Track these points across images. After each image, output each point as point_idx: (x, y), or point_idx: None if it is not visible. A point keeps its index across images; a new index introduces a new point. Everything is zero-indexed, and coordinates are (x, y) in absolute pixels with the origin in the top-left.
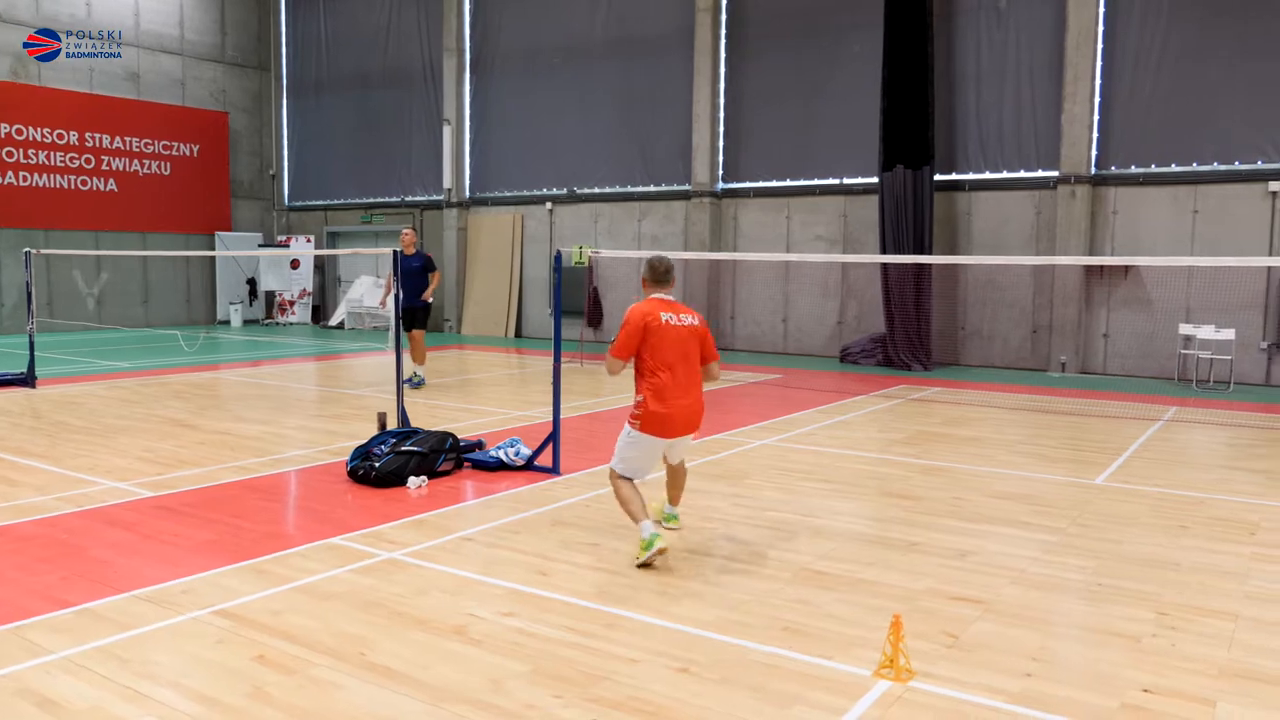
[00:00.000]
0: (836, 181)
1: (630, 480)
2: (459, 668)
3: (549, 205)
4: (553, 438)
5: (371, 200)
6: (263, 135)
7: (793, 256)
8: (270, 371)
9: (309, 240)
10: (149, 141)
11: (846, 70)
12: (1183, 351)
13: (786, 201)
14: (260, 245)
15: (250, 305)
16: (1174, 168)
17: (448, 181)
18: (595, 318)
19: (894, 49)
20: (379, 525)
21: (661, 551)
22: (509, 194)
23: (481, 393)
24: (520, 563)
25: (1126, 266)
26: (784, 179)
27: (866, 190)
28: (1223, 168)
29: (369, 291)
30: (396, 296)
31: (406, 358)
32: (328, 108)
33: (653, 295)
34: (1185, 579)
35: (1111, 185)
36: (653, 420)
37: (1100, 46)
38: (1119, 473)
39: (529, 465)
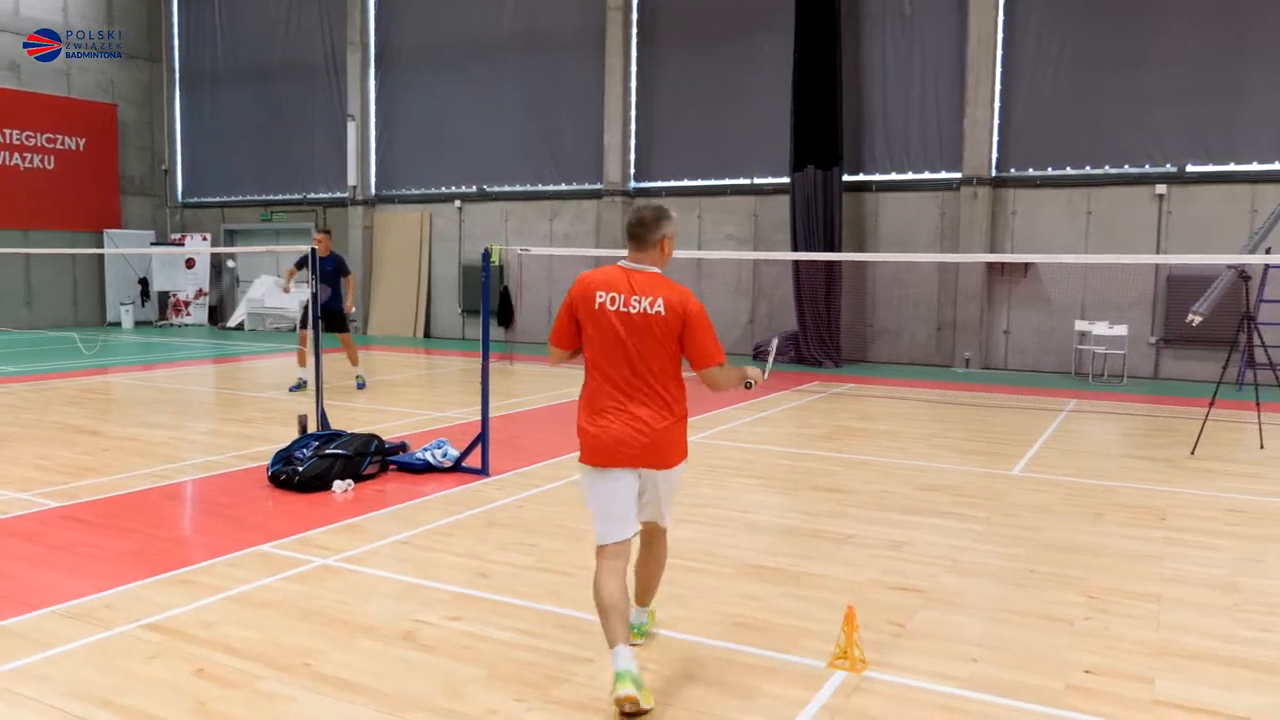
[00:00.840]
0: (747, 181)
1: (603, 556)
2: (413, 675)
3: (458, 203)
4: (481, 438)
5: (272, 197)
6: (154, 129)
7: (706, 254)
8: (169, 375)
9: (205, 238)
10: (31, 134)
11: (758, 72)
12: (1079, 347)
13: (698, 201)
14: (153, 243)
15: (143, 306)
16: (1069, 171)
17: (352, 179)
18: (508, 317)
19: (804, 52)
20: (308, 531)
21: (628, 706)
22: (416, 192)
23: (398, 394)
24: (460, 565)
25: (1026, 265)
26: (696, 178)
27: (776, 190)
28: (1114, 171)
29: (270, 291)
30: (313, 298)
31: (342, 359)
32: (224, 101)
33: (619, 262)
34: (1107, 564)
35: (1011, 187)
36: (584, 443)
37: (1000, 54)
38: (1032, 463)
39: (457, 466)
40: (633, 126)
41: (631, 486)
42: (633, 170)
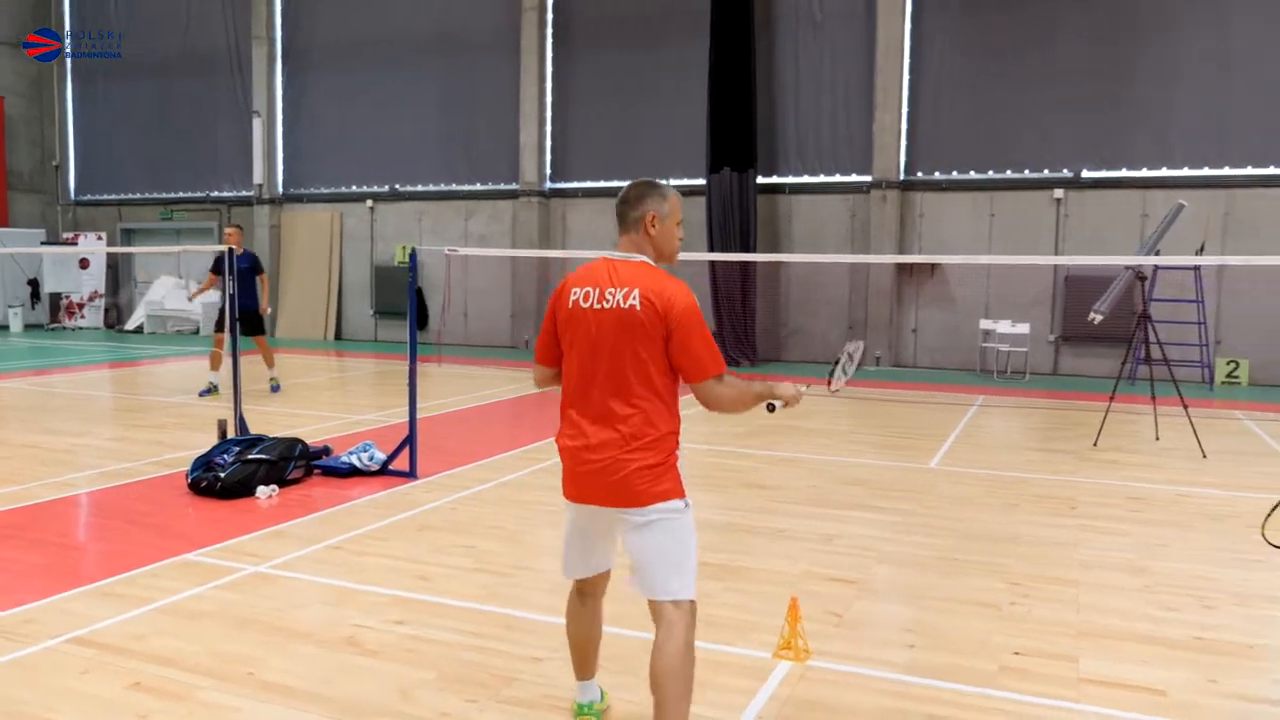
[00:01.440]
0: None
1: (574, 590)
2: (361, 680)
3: (370, 203)
4: (409, 441)
5: (172, 195)
6: (44, 123)
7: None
8: (67, 380)
9: (100, 237)
10: None
11: (674, 74)
12: (983, 345)
13: (615, 202)
14: (43, 243)
15: (32, 308)
16: (973, 175)
17: (259, 177)
18: (421, 319)
19: (720, 55)
20: (235, 538)
21: None
22: (326, 191)
23: (314, 398)
24: (397, 569)
25: (933, 266)
26: (613, 179)
27: (692, 191)
28: (1014, 176)
29: (171, 293)
30: (231, 298)
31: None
32: (120, 95)
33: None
34: (1026, 551)
35: (918, 190)
36: (562, 465)
37: (907, 61)
38: (947, 457)
39: (384, 470)
40: (549, 127)
41: (593, 524)
42: (549, 170)
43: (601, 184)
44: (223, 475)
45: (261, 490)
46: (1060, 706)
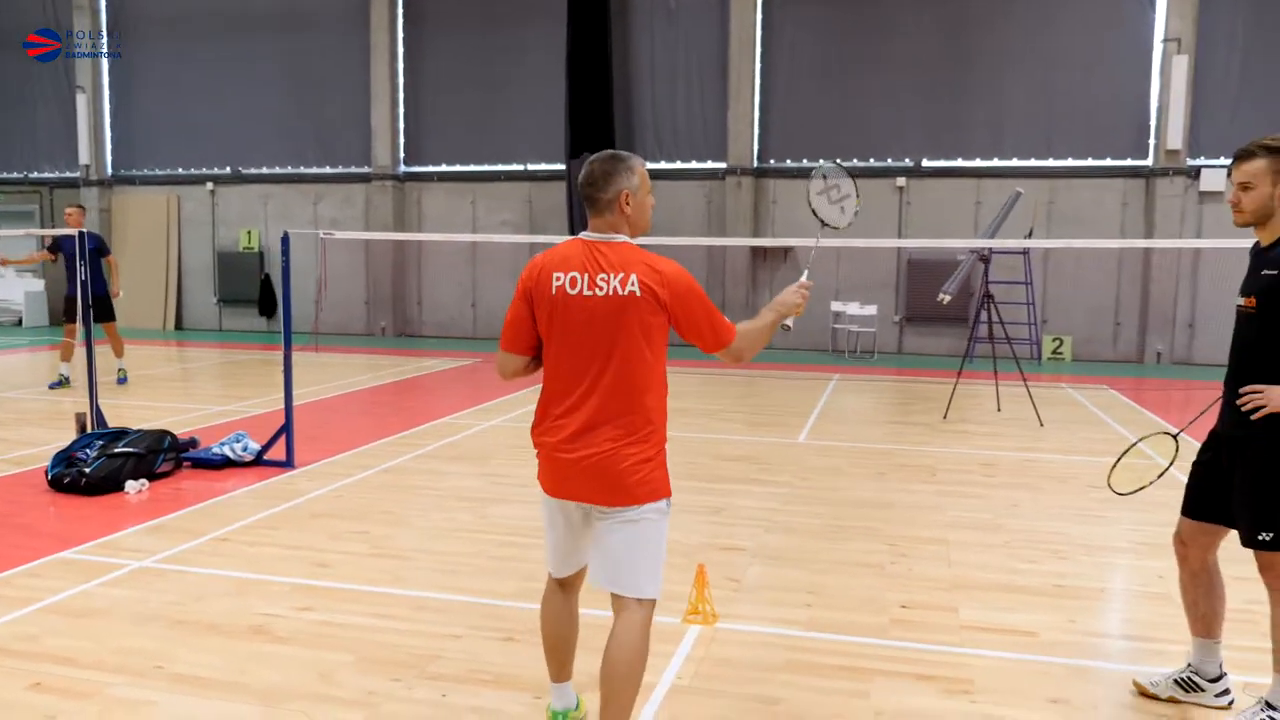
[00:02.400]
0: (522, 167)
1: (552, 586)
2: (277, 667)
3: (210, 186)
4: (285, 429)
5: None
6: None
7: (482, 238)
8: None
9: None
10: None
11: (531, 58)
12: (834, 326)
13: (472, 187)
14: None
15: None
16: (821, 163)
17: (85, 157)
18: (270, 307)
19: (577, 41)
20: (111, 534)
21: None
22: (161, 172)
23: (168, 389)
24: (294, 558)
25: (786, 250)
26: (469, 164)
27: (550, 177)
28: (860, 164)
29: None
30: (84, 284)
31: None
32: None
33: (580, 234)
34: (898, 515)
35: (771, 177)
36: (540, 459)
37: (759, 52)
38: (813, 432)
39: (259, 460)
40: (401, 109)
41: (572, 520)
42: (403, 154)
43: (458, 168)
44: (88, 471)
45: (130, 485)
46: (949, 651)
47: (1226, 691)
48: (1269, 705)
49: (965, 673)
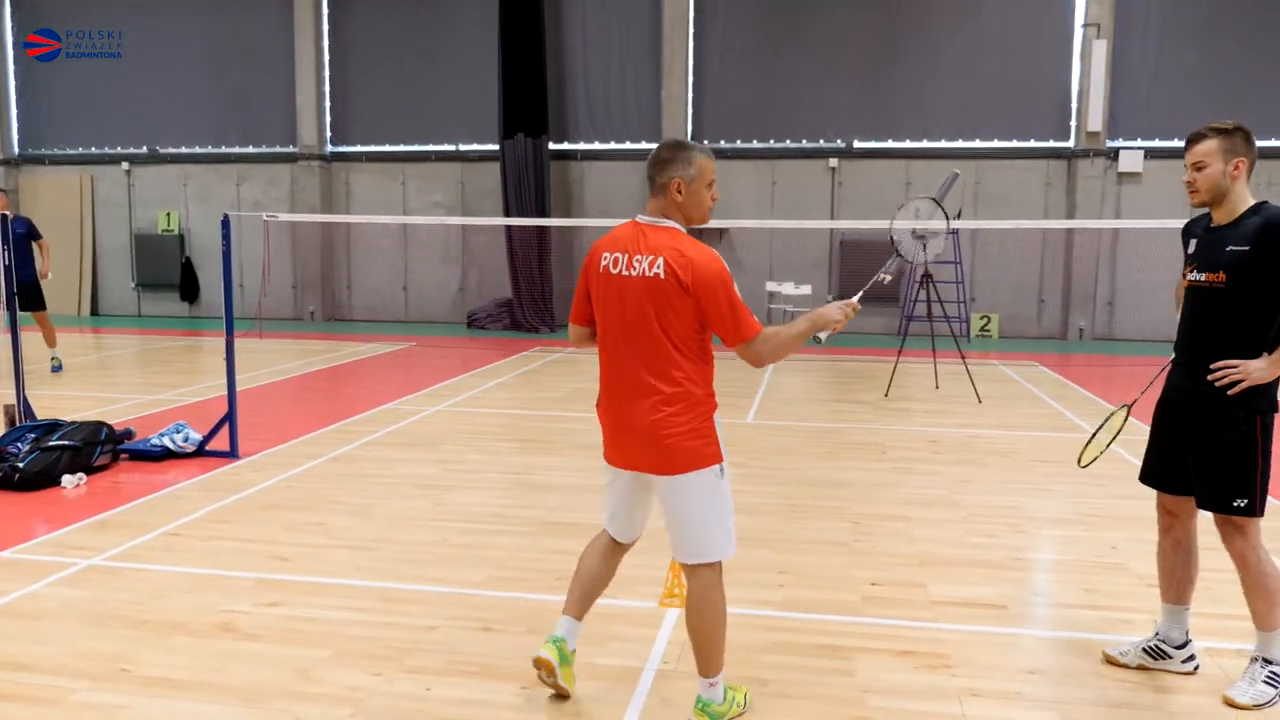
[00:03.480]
0: (453, 148)
1: (607, 537)
2: (251, 665)
3: (126, 165)
4: (228, 419)
5: None
6: None
7: (417, 219)
8: None
9: None
10: None
11: (463, 35)
12: (770, 306)
13: (402, 167)
14: None
15: None
16: (755, 144)
17: None
18: (190, 291)
19: (509, 19)
20: (53, 531)
21: (542, 671)
22: (73, 152)
23: (96, 378)
24: (251, 551)
25: (721, 230)
26: (399, 144)
27: (483, 157)
28: (793, 145)
29: None
30: (9, 270)
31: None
32: None
33: (633, 218)
34: (856, 493)
35: None
36: (602, 432)
37: (692, 31)
38: (761, 412)
39: (201, 451)
40: (327, 86)
41: (630, 489)
42: (329, 133)
43: (388, 148)
44: (21, 465)
45: (67, 479)
46: (924, 627)
47: (1192, 657)
48: (1265, 660)
49: (941, 648)
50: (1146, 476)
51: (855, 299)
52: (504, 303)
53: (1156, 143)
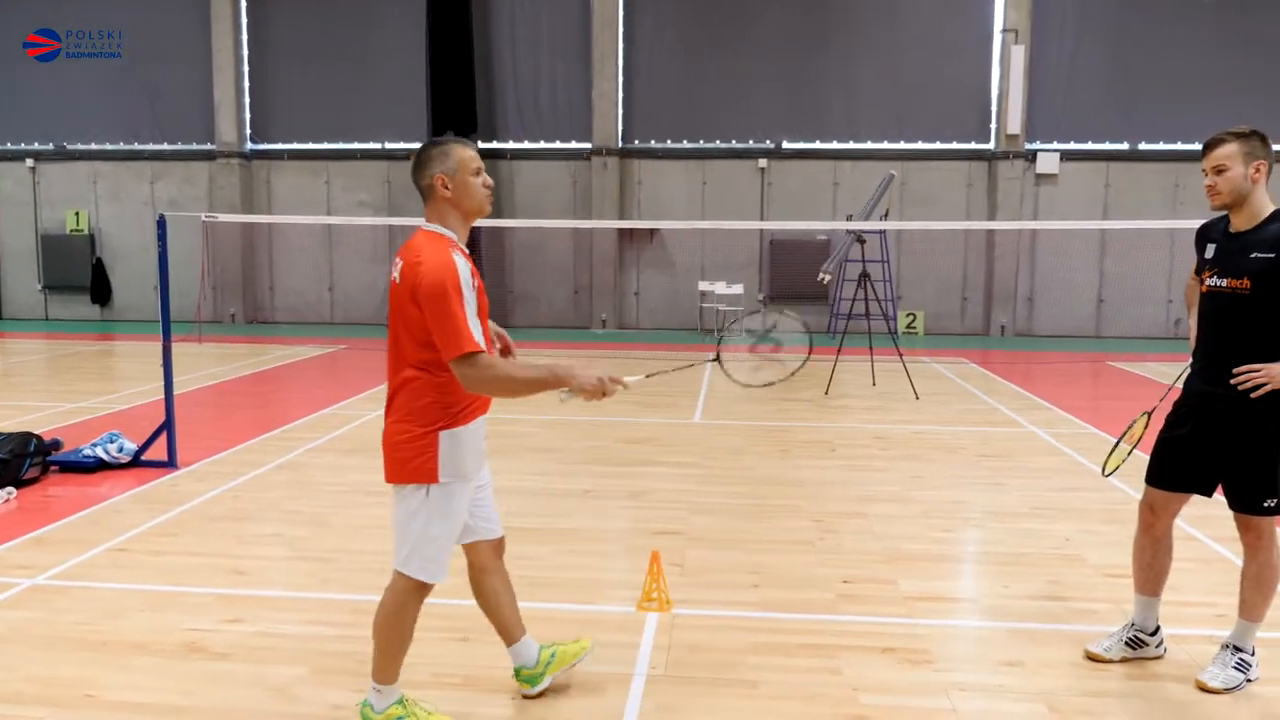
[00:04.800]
0: (379, 146)
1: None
2: (224, 685)
3: (31, 163)
4: (166, 427)
5: None
6: None
7: (336, 220)
8: None
9: None
10: None
11: (389, 32)
12: (702, 305)
13: (326, 165)
14: None
15: None
16: (686, 144)
17: None
18: (102, 294)
19: (438, 16)
20: None
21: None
22: None
23: (5, 387)
24: (206, 566)
25: (652, 231)
26: (323, 141)
27: (411, 156)
28: (723, 146)
29: None
30: None
31: None
32: None
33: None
34: (812, 491)
35: (636, 158)
36: None
37: (622, 32)
38: (706, 412)
39: (136, 461)
40: (247, 82)
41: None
42: (249, 131)
43: (310, 145)
44: None
45: None
46: (903, 622)
47: (1162, 642)
48: (1236, 648)
49: (921, 643)
50: (1154, 477)
51: (629, 379)
52: None
53: (1072, 145)
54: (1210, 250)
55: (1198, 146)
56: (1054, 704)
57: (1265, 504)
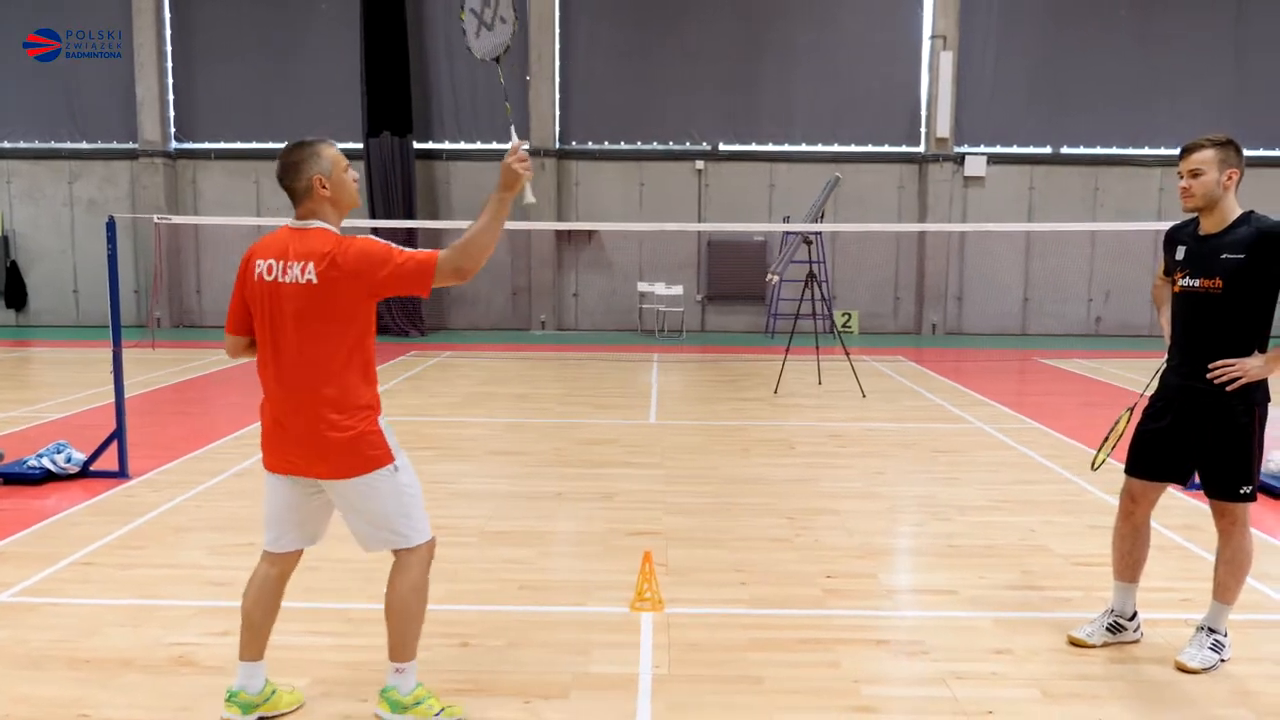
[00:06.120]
0: None
1: (266, 555)
2: (224, 700)
3: None
4: (117, 436)
5: None
6: None
7: (266, 221)
8: None
9: None
10: None
11: (321, 30)
12: (642, 306)
13: (255, 166)
14: None
15: None
16: (623, 146)
17: None
18: (17, 298)
19: (371, 14)
20: None
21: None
22: None
23: None
24: (181, 578)
25: (590, 232)
26: (252, 141)
27: (350, 155)
28: (660, 147)
29: None
30: None
31: None
32: None
33: (286, 224)
34: (780, 489)
35: (574, 159)
36: (263, 435)
37: (559, 33)
38: (661, 412)
39: (85, 472)
40: (170, 79)
41: (300, 494)
42: (173, 129)
43: (239, 145)
44: None
45: None
46: (890, 615)
47: (1140, 626)
48: (1210, 630)
49: (912, 634)
50: (1134, 468)
51: (514, 137)
52: None
53: (998, 149)
54: (1181, 252)
55: (1116, 150)
56: (1046, 689)
57: (1241, 490)
